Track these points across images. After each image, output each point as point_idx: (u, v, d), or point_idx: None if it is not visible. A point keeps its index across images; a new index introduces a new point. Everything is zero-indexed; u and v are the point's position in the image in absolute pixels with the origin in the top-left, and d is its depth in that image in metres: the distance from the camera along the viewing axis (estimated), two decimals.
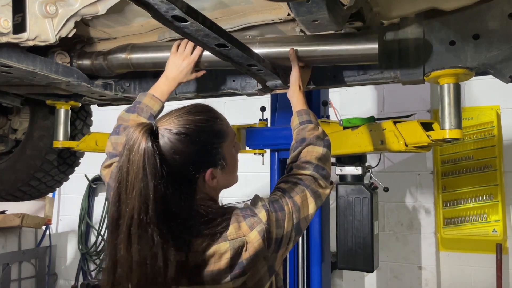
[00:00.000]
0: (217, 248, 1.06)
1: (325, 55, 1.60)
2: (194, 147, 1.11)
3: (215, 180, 1.16)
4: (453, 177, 3.80)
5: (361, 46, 1.54)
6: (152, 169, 1.01)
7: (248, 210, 1.16)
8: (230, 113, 5.06)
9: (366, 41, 1.53)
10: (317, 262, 2.68)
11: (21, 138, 2.69)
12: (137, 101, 1.57)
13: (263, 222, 1.11)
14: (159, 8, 0.99)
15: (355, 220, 2.44)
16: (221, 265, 1.06)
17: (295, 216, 1.20)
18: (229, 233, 1.08)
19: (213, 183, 1.16)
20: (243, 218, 1.12)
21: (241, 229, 1.10)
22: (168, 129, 1.10)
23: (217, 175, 1.16)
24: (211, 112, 1.26)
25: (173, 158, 1.07)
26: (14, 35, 1.41)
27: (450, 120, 1.58)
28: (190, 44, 1.63)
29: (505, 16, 1.49)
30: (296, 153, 1.40)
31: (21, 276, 5.23)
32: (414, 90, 3.17)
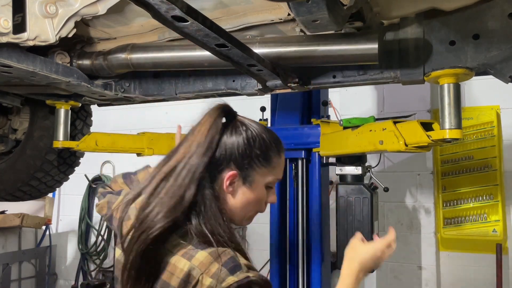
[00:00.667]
0: (177, 260, 1.05)
1: (325, 55, 1.60)
2: (245, 146, 1.16)
3: (231, 188, 1.16)
4: (453, 177, 3.80)
5: (361, 46, 1.54)
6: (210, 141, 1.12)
7: (233, 264, 1.03)
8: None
9: (366, 41, 1.53)
10: (317, 262, 2.68)
11: (21, 138, 2.68)
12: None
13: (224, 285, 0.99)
14: (159, 8, 0.99)
15: (355, 220, 2.44)
16: (171, 281, 1.04)
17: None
18: (199, 258, 1.03)
19: (228, 189, 1.16)
20: (224, 264, 1.01)
21: (211, 269, 1.01)
22: (240, 120, 1.21)
23: (236, 185, 1.17)
24: (279, 142, 1.26)
25: (225, 142, 1.15)
26: (14, 35, 1.41)
27: (450, 120, 1.58)
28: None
29: (505, 16, 1.49)
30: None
31: (21, 276, 5.23)
32: (414, 90, 3.17)
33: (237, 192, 1.18)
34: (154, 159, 1.36)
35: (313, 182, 2.74)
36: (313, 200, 2.73)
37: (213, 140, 1.13)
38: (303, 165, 2.79)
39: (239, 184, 1.17)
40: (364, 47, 1.53)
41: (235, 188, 1.17)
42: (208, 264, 1.02)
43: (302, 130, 2.72)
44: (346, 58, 1.60)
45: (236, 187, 1.17)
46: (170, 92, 2.13)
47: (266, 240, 3.02)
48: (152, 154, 2.47)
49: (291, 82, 1.79)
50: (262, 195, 1.23)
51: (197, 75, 2.07)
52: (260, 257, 4.58)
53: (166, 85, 2.14)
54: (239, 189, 1.18)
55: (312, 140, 2.64)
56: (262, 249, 4.41)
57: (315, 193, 2.72)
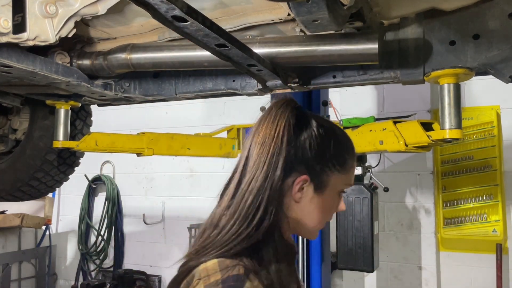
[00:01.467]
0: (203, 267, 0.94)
1: (325, 55, 1.59)
2: (318, 146, 1.03)
3: (300, 194, 1.02)
4: (453, 177, 3.80)
5: (361, 46, 1.54)
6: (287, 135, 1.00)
7: (233, 284, 0.88)
8: (230, 113, 5.11)
9: (366, 41, 1.53)
10: (317, 262, 2.68)
11: (21, 138, 2.68)
12: None
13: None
14: (159, 8, 0.99)
15: (355, 220, 2.44)
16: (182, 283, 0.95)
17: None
18: (208, 264, 0.93)
19: (296, 196, 1.02)
20: (225, 279, 0.89)
21: (210, 278, 0.90)
22: (308, 115, 1.07)
23: (305, 192, 1.02)
24: (351, 142, 1.12)
25: (296, 142, 1.02)
26: (14, 35, 1.41)
27: (450, 120, 1.58)
28: None
29: (505, 16, 1.48)
30: None
31: (21, 276, 5.23)
32: (414, 90, 3.17)
33: (305, 199, 1.03)
34: (154, 158, 1.36)
35: None
36: None
37: (288, 142, 1.00)
38: None
39: (308, 190, 1.02)
40: (364, 47, 1.53)
41: (304, 194, 1.02)
42: (211, 272, 0.91)
43: None
44: (346, 58, 1.60)
45: (305, 193, 1.02)
46: (170, 92, 2.13)
47: None
48: (152, 154, 2.47)
49: (291, 82, 1.79)
50: (334, 202, 1.09)
51: (197, 75, 2.07)
52: None
53: (166, 85, 2.14)
54: (308, 196, 1.03)
55: None
56: None
57: None
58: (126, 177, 5.47)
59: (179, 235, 5.02)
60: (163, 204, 5.25)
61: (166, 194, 5.25)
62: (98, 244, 5.38)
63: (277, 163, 0.98)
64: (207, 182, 5.03)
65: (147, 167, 5.34)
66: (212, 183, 4.99)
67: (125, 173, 5.48)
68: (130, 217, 5.43)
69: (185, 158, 5.04)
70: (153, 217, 5.28)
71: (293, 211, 1.03)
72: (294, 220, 1.04)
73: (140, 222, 5.32)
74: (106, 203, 5.36)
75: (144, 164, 5.30)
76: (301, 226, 1.06)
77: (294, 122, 1.02)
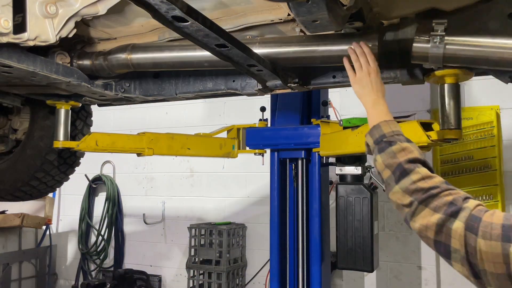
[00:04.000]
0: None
1: (325, 55, 1.60)
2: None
3: None
4: (453, 177, 3.80)
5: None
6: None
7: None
8: (230, 113, 5.11)
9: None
10: (317, 262, 2.68)
11: (21, 138, 2.68)
12: (378, 137, 1.34)
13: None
14: (159, 8, 1.00)
15: (355, 220, 2.44)
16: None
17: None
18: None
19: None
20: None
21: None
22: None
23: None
24: None
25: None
26: (14, 35, 1.41)
27: (450, 120, 1.58)
28: (363, 59, 1.47)
29: (505, 16, 1.49)
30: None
31: (21, 276, 5.23)
32: (414, 90, 3.17)
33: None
34: (154, 158, 1.36)
35: (313, 182, 2.75)
36: (313, 200, 2.73)
37: None
38: (303, 165, 2.79)
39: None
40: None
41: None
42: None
43: (302, 130, 2.73)
44: None
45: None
46: (170, 92, 2.13)
47: (266, 240, 3.02)
48: (152, 154, 2.47)
49: (291, 82, 1.80)
50: None
51: (197, 75, 2.07)
52: (260, 257, 4.59)
53: (166, 85, 2.14)
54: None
55: (312, 140, 2.65)
56: (262, 249, 4.42)
57: (315, 193, 2.73)
58: (126, 177, 5.48)
59: (179, 235, 5.02)
60: (163, 204, 5.25)
61: (166, 194, 5.25)
62: (98, 244, 5.38)
63: None
64: (207, 182, 5.03)
65: (147, 167, 5.34)
66: (212, 183, 4.99)
67: (125, 173, 5.48)
68: (130, 217, 5.43)
69: (185, 158, 5.04)
70: (153, 217, 5.28)
71: None
72: None
73: (140, 222, 5.32)
74: (106, 203, 5.36)
75: (144, 164, 5.31)
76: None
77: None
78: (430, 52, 1.41)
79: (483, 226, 1.01)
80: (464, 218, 1.05)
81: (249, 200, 4.79)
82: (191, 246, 4.62)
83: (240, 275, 4.66)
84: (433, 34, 1.39)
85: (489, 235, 0.99)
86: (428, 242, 1.14)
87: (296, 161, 2.82)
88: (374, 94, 1.44)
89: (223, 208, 4.94)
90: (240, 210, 4.84)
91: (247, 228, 4.77)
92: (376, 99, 1.43)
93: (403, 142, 1.28)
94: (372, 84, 1.45)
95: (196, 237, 4.58)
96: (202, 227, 4.57)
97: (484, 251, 0.98)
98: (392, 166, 1.25)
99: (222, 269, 4.39)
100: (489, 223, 1.01)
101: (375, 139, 1.34)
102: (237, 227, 4.64)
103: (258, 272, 4.64)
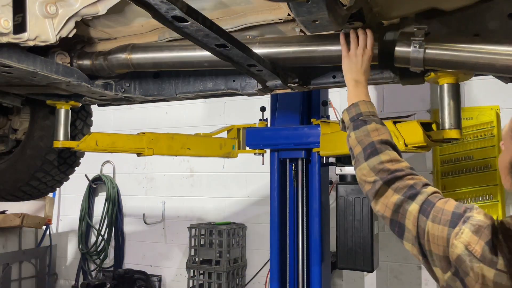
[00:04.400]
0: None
1: (325, 55, 1.60)
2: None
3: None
4: (453, 177, 3.80)
5: None
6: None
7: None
8: (230, 113, 5.11)
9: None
10: (317, 262, 2.68)
11: (21, 138, 2.68)
12: (355, 115, 1.40)
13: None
14: (159, 8, 1.00)
15: (355, 220, 2.44)
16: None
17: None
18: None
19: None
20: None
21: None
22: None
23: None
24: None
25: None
26: (14, 35, 1.41)
27: (450, 120, 1.59)
28: (363, 37, 1.49)
29: (505, 16, 1.49)
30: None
31: (21, 276, 5.23)
32: (414, 90, 3.17)
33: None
34: (154, 158, 1.35)
35: (313, 182, 2.75)
36: (313, 200, 2.73)
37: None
38: (303, 165, 2.79)
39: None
40: None
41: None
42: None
43: (302, 130, 2.73)
44: None
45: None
46: (170, 92, 2.13)
47: (266, 240, 3.02)
48: (152, 154, 2.47)
49: (291, 82, 1.80)
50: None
51: (197, 75, 2.07)
52: (260, 257, 4.59)
53: (166, 85, 2.14)
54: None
55: (312, 140, 2.65)
56: (262, 249, 4.42)
57: (315, 193, 2.73)
58: (126, 177, 5.48)
59: (179, 235, 5.02)
60: (163, 204, 5.25)
61: (166, 194, 5.25)
62: (98, 244, 5.38)
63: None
64: (207, 182, 5.03)
65: (147, 167, 5.34)
66: (212, 183, 4.99)
67: (125, 173, 5.48)
68: (130, 217, 5.44)
69: (185, 158, 5.04)
70: (153, 217, 5.28)
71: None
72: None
73: (140, 222, 5.32)
74: (106, 203, 5.36)
75: (144, 164, 5.31)
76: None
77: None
78: (411, 56, 1.46)
79: (435, 211, 1.09)
80: (420, 202, 1.13)
81: (249, 200, 4.79)
82: (191, 246, 4.62)
83: (240, 275, 4.66)
84: (414, 39, 1.45)
85: (439, 219, 1.07)
86: (385, 220, 1.23)
87: (296, 161, 2.82)
88: (360, 74, 1.48)
89: (223, 208, 4.94)
90: (240, 210, 4.84)
91: (247, 228, 4.77)
92: (360, 79, 1.48)
93: (378, 123, 1.35)
94: (361, 64, 1.48)
95: (196, 237, 4.58)
96: (202, 227, 4.57)
97: (431, 233, 1.07)
98: (364, 143, 1.31)
99: (222, 269, 4.39)
100: (441, 208, 1.09)
101: (352, 116, 1.40)
102: (237, 227, 4.64)
103: (258, 272, 4.64)
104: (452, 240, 1.02)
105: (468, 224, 1.02)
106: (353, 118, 1.39)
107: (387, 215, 1.20)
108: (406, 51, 1.47)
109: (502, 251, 0.97)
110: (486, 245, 0.98)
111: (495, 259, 0.97)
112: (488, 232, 1.00)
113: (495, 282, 0.96)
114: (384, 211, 1.20)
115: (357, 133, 1.35)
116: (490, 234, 0.99)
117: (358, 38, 1.50)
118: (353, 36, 1.51)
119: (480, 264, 0.97)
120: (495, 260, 0.97)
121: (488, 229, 1.00)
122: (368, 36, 1.50)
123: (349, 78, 1.50)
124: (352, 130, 1.38)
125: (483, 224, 1.01)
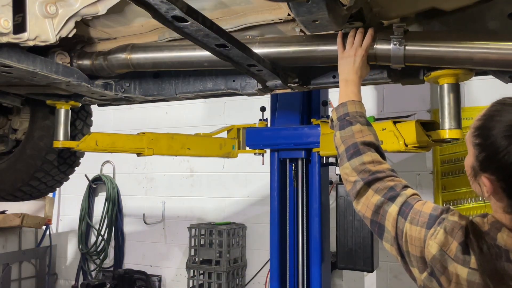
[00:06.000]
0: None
1: (325, 55, 1.60)
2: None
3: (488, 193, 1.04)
4: (453, 177, 3.80)
5: None
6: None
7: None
8: (230, 113, 5.11)
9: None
10: (317, 262, 2.68)
11: (21, 138, 2.68)
12: (342, 114, 1.40)
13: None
14: (159, 8, 1.00)
15: (355, 220, 2.44)
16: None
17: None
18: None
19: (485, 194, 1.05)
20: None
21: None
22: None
23: (488, 188, 1.02)
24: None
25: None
26: (14, 35, 1.41)
27: (450, 120, 1.58)
28: (358, 36, 1.49)
29: (505, 16, 1.49)
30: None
31: (21, 276, 5.23)
32: (414, 90, 3.17)
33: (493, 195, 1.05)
34: (154, 158, 1.36)
35: (313, 182, 2.75)
36: (313, 200, 2.73)
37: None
38: (303, 165, 2.79)
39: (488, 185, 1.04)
40: None
41: (488, 188, 1.04)
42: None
43: (302, 130, 2.73)
44: None
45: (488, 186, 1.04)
46: (170, 92, 2.13)
47: (266, 240, 3.02)
48: (152, 154, 2.47)
49: (291, 82, 1.80)
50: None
51: (197, 75, 2.08)
52: (260, 257, 4.59)
53: (166, 85, 2.14)
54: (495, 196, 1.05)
55: (312, 140, 2.65)
56: (262, 249, 4.42)
57: (315, 193, 2.73)
58: (126, 177, 5.48)
59: (179, 235, 5.02)
60: (163, 204, 5.25)
61: (166, 194, 5.25)
62: (98, 244, 5.38)
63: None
64: (207, 182, 5.03)
65: (147, 167, 5.34)
66: (212, 183, 4.99)
67: (125, 173, 5.48)
68: (130, 217, 5.43)
69: (185, 158, 5.04)
70: (153, 217, 5.28)
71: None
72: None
73: (140, 222, 5.32)
74: (106, 203, 5.36)
75: (144, 164, 5.30)
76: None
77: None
78: (392, 54, 1.49)
79: (413, 213, 1.11)
80: (400, 203, 1.15)
81: (249, 200, 4.79)
82: (191, 246, 4.62)
83: (240, 275, 4.66)
84: (393, 36, 1.47)
85: (416, 221, 1.09)
86: (365, 220, 1.25)
87: (296, 161, 2.82)
88: (351, 73, 1.48)
89: (223, 208, 4.94)
90: (240, 210, 4.84)
91: (247, 228, 4.77)
92: (351, 78, 1.48)
93: (363, 125, 1.35)
94: (354, 63, 1.48)
95: (196, 237, 4.58)
96: (202, 227, 4.57)
97: (409, 234, 1.09)
98: (347, 143, 1.33)
99: (222, 269, 4.39)
100: (419, 211, 1.11)
101: (339, 115, 1.41)
102: (237, 227, 4.64)
103: (258, 272, 4.64)
104: (428, 241, 1.05)
105: (443, 225, 1.05)
106: (340, 118, 1.41)
107: (368, 215, 1.22)
108: (386, 49, 1.49)
109: (474, 249, 0.99)
110: (459, 245, 1.01)
111: (467, 258, 0.99)
112: (461, 233, 1.02)
113: (468, 280, 0.98)
114: (365, 212, 1.23)
115: (342, 133, 1.37)
116: (463, 235, 1.02)
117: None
118: (350, 35, 1.52)
119: (454, 263, 1.00)
120: (468, 259, 0.99)
121: (462, 230, 1.03)
122: (367, 35, 1.50)
123: (341, 78, 1.52)
124: (338, 129, 1.39)
125: (457, 225, 1.04)
